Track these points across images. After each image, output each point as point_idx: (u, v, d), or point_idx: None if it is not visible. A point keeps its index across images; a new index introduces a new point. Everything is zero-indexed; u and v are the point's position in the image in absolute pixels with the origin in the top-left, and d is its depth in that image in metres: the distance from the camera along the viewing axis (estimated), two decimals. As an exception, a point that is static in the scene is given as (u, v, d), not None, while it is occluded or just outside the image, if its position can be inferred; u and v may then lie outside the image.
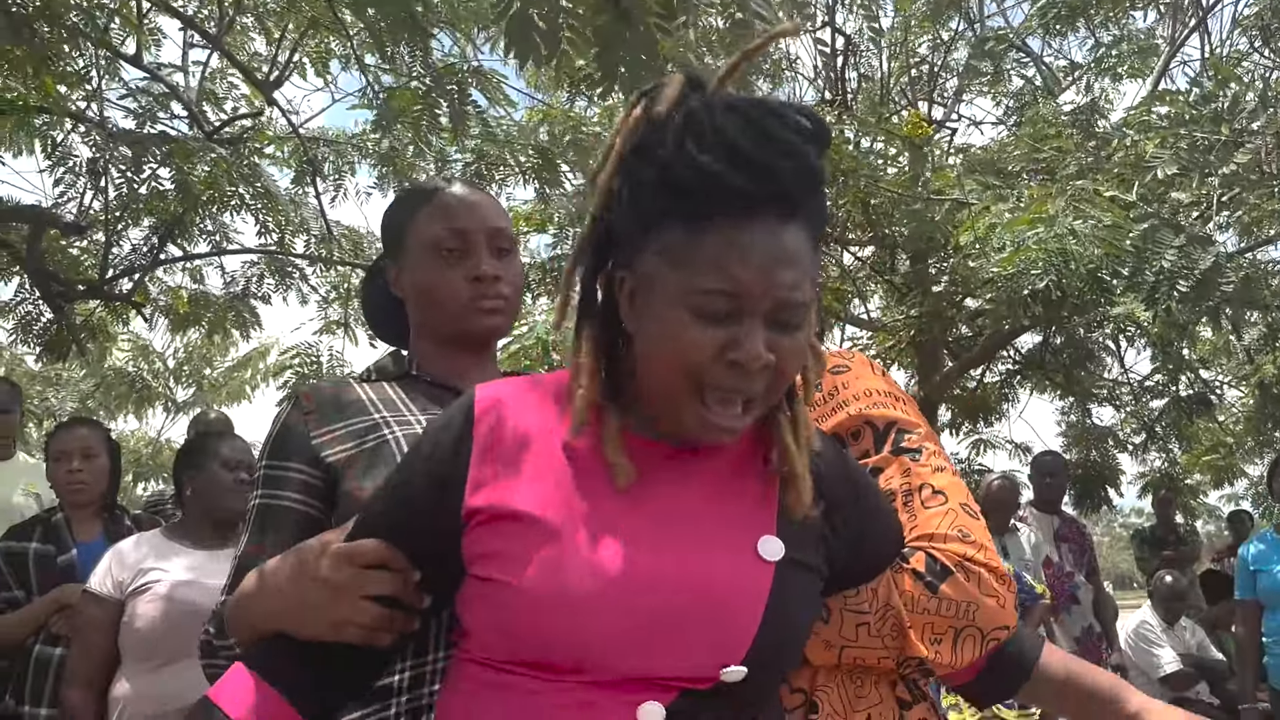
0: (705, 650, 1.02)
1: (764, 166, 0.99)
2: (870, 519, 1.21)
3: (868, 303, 9.43)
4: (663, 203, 1.02)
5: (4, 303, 6.66)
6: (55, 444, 3.38)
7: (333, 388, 1.50)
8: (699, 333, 1.01)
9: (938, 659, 1.21)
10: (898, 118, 8.67)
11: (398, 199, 1.69)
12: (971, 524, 1.27)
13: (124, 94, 5.75)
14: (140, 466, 16.17)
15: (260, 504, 1.42)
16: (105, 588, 2.85)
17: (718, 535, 1.06)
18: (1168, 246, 4.33)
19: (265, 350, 11.80)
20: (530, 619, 1.01)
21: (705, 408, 1.03)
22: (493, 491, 1.07)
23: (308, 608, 1.11)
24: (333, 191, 6.34)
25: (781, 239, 1.01)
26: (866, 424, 1.34)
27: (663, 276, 1.03)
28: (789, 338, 1.03)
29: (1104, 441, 9.87)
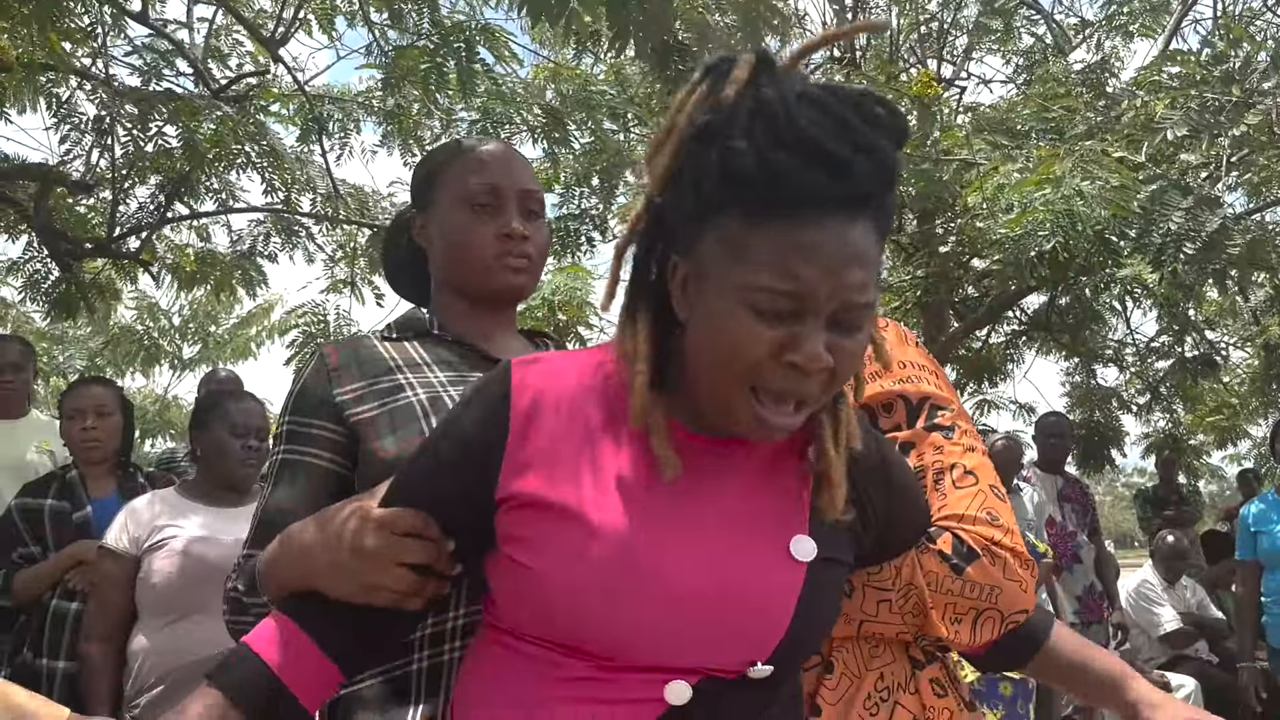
0: (733, 648, 1.03)
1: (841, 164, 0.94)
2: (900, 505, 1.21)
3: (874, 262, 9.41)
4: (726, 193, 0.97)
5: (12, 261, 6.68)
6: (69, 402, 3.41)
7: (355, 345, 1.50)
8: (757, 330, 0.97)
9: (956, 639, 1.23)
10: (907, 76, 8.61)
11: (431, 152, 1.68)
12: (1000, 506, 1.27)
13: (129, 51, 5.73)
14: (147, 424, 16.23)
15: (284, 459, 1.42)
16: (121, 544, 2.89)
17: (752, 533, 1.06)
18: (1175, 208, 4.31)
19: (269, 307, 11.80)
20: (560, 607, 1.01)
21: (758, 406, 1.00)
22: (529, 477, 1.06)
23: (342, 571, 1.12)
24: (338, 150, 6.32)
25: (850, 238, 0.95)
26: (900, 398, 1.33)
27: (720, 268, 0.98)
28: (850, 339, 0.99)
29: (1108, 402, 9.89)
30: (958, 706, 1.33)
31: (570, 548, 1.02)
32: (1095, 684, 1.36)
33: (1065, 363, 10.09)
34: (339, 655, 1.13)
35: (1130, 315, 9.04)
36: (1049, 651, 1.36)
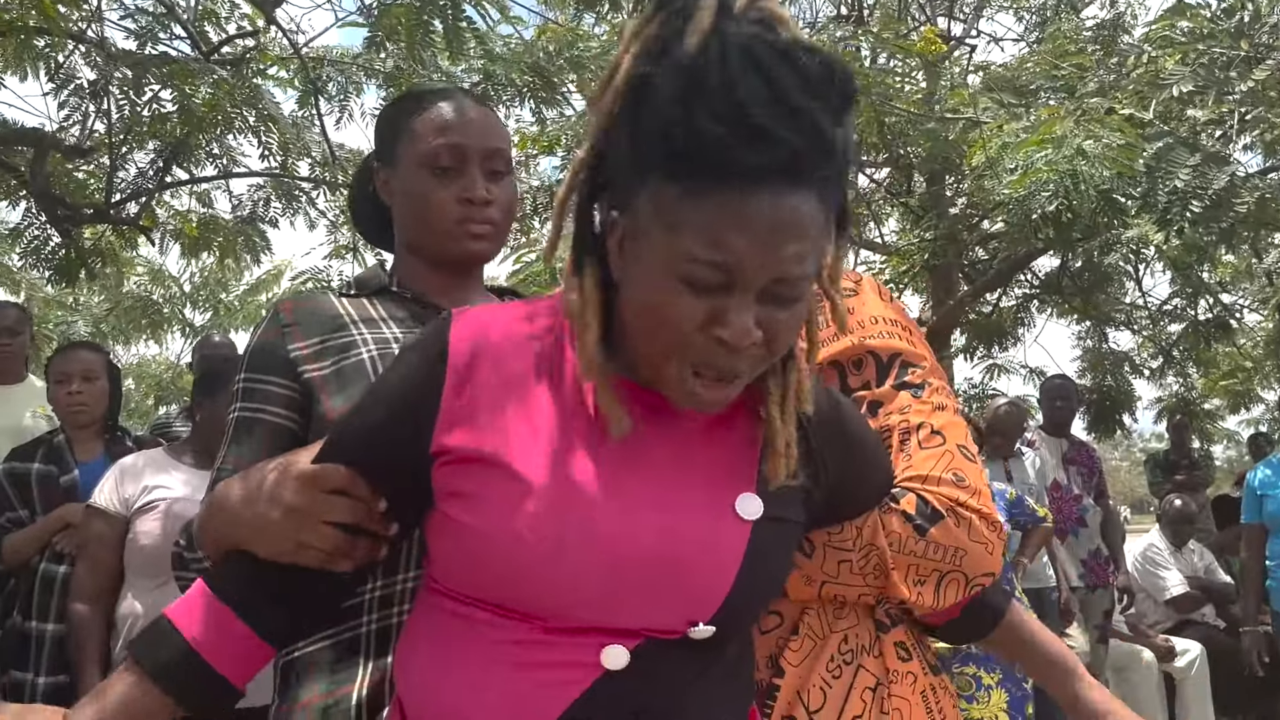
0: (673, 607, 1.00)
1: (771, 136, 0.89)
2: (858, 465, 1.18)
3: (882, 226, 9.32)
4: (661, 157, 0.93)
5: (13, 227, 6.66)
6: (55, 367, 3.41)
7: (312, 301, 1.48)
8: (685, 302, 0.94)
9: (919, 600, 1.21)
10: (915, 34, 8.48)
11: (395, 100, 1.64)
12: (967, 467, 1.24)
13: (124, 15, 5.67)
14: (162, 390, 16.32)
15: (239, 417, 1.41)
16: (111, 504, 2.88)
17: (695, 490, 1.03)
18: (1181, 166, 4.22)
19: (279, 273, 11.82)
20: (496, 564, 0.99)
21: (689, 379, 0.98)
22: (466, 431, 1.03)
23: (268, 528, 1.10)
24: (338, 113, 6.25)
25: (784, 210, 0.91)
26: (870, 354, 1.31)
27: (652, 234, 0.95)
28: (785, 312, 0.96)
29: (1120, 366, 9.80)
30: (922, 670, 1.31)
31: (506, 503, 0.99)
32: (1046, 665, 1.37)
33: (1077, 326, 10.00)
34: (262, 628, 1.11)
35: (1142, 278, 8.92)
36: (1008, 625, 1.35)
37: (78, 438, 3.40)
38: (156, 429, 4.57)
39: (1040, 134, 4.44)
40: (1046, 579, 5.17)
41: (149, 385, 16.57)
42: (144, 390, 16.61)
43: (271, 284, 11.98)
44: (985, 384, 10.18)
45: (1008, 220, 4.96)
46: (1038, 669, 1.39)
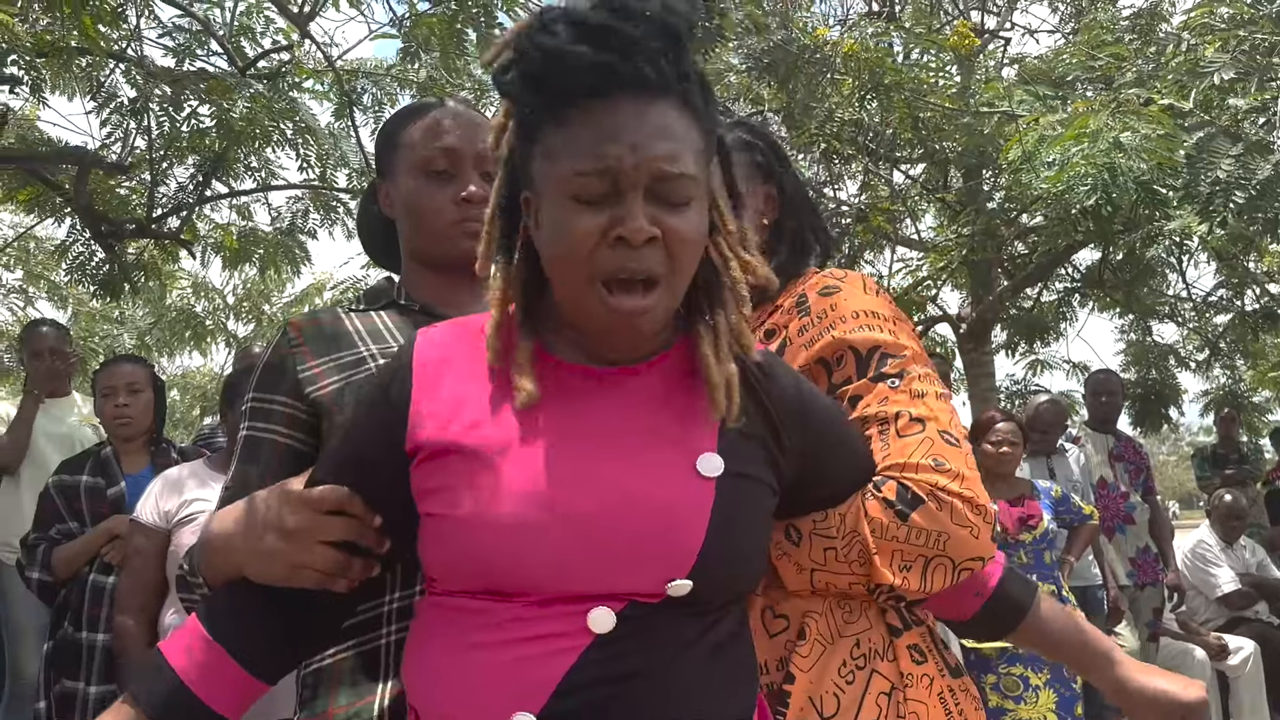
0: (649, 566, 1.02)
1: (610, 33, 1.00)
2: (829, 445, 1.20)
3: (919, 222, 9.24)
4: (529, 99, 1.05)
5: (60, 243, 6.78)
6: (102, 380, 3.47)
7: (320, 319, 1.49)
8: (582, 218, 1.02)
9: (905, 586, 1.20)
10: (949, 28, 8.40)
11: (391, 117, 1.66)
12: (949, 452, 1.24)
13: (162, 33, 5.76)
14: (207, 401, 16.56)
15: (246, 436, 1.42)
16: (152, 518, 2.92)
17: (655, 454, 1.07)
18: (1224, 156, 4.14)
19: (321, 285, 11.96)
20: (472, 547, 1.02)
21: (608, 295, 1.03)
22: (432, 427, 1.09)
23: (266, 554, 1.11)
24: (373, 124, 6.32)
25: (647, 115, 1.02)
26: (849, 348, 1.33)
27: (545, 176, 1.05)
28: (677, 214, 1.03)
29: (1165, 359, 9.66)
30: (939, 672, 1.31)
31: (473, 487, 1.03)
32: (1082, 656, 1.38)
33: (1119, 320, 9.87)
34: (254, 667, 1.13)
35: (1186, 269, 8.77)
36: (1034, 619, 1.35)
37: (124, 450, 3.46)
38: (200, 440, 4.62)
39: (1076, 127, 4.38)
40: (1093, 577, 5.10)
41: (193, 396, 16.83)
42: (188, 401, 16.88)
43: (314, 295, 12.12)
44: (1027, 380, 10.09)
45: (1046, 215, 4.89)
46: (1074, 659, 1.39)
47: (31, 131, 6.68)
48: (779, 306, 1.45)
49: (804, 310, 1.39)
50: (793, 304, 1.42)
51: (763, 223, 1.55)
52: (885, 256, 8.91)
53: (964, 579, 1.23)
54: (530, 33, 1.03)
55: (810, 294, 1.41)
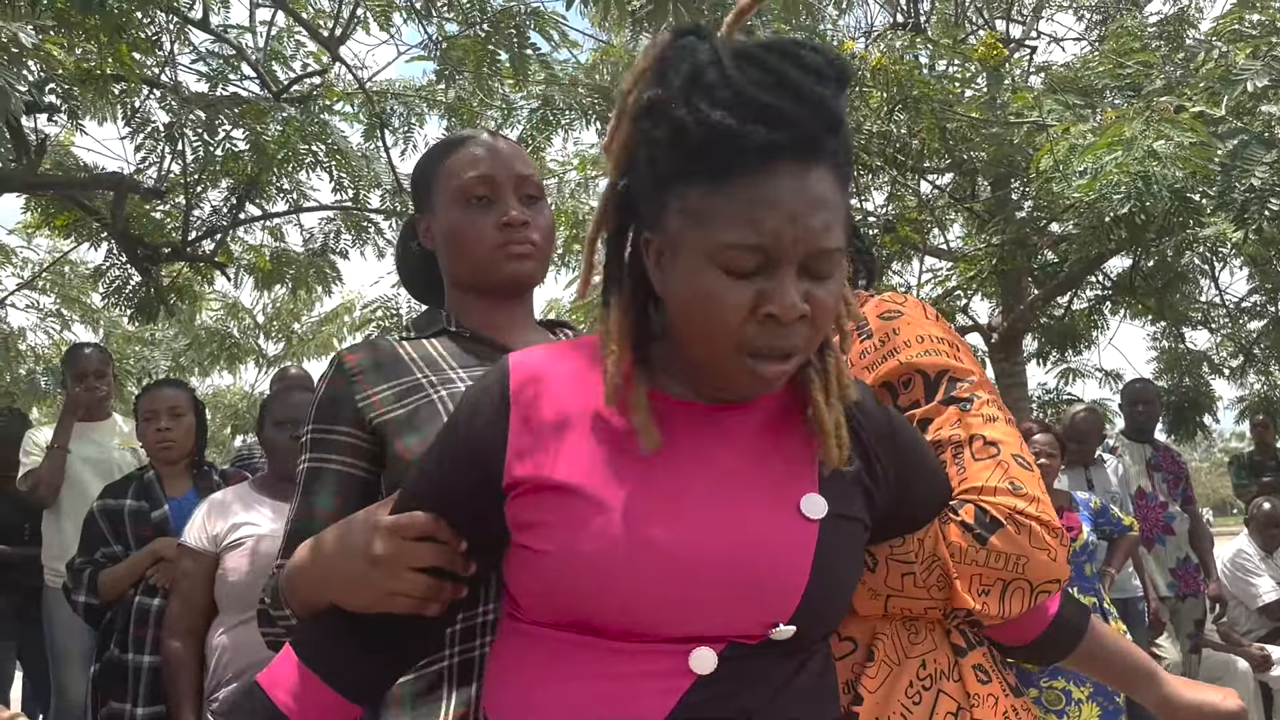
0: (752, 611, 1.02)
1: (780, 115, 0.96)
2: (912, 468, 1.20)
3: (947, 232, 9.22)
4: (680, 162, 1.00)
5: (96, 268, 6.88)
6: (144, 404, 3.51)
7: (374, 348, 1.50)
8: (731, 290, 0.99)
9: (985, 610, 1.20)
10: (974, 38, 8.38)
11: (426, 152, 1.68)
12: (1024, 475, 1.24)
13: (195, 59, 5.85)
14: (239, 420, 16.68)
15: (309, 468, 1.43)
16: (200, 541, 2.96)
17: (759, 495, 1.06)
18: (1259, 163, 4.12)
19: (350, 305, 12.02)
20: (572, 586, 1.02)
21: (746, 363, 1.01)
22: (533, 462, 1.07)
23: (357, 582, 1.13)
24: (403, 145, 6.38)
25: (806, 185, 0.98)
26: (917, 372, 1.33)
27: (688, 236, 1.00)
28: (823, 287, 1.01)
29: (1198, 366, 9.57)
30: (1003, 692, 1.31)
31: (575, 525, 1.02)
32: (1128, 675, 1.41)
33: (1152, 327, 9.78)
34: (350, 692, 1.15)
35: (1219, 275, 8.69)
36: (1088, 643, 1.37)
37: (166, 473, 3.50)
38: (239, 461, 4.67)
39: (1108, 136, 4.36)
40: (1133, 589, 5.06)
41: (225, 415, 16.96)
42: (219, 420, 17.01)
43: (343, 314, 12.19)
44: (1060, 389, 10.02)
45: (1079, 224, 4.87)
46: (1120, 679, 1.42)
47: (67, 158, 6.79)
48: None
49: (864, 333, 1.40)
50: (852, 327, 1.42)
51: None
52: (914, 267, 8.89)
53: (1040, 601, 1.23)
54: (688, 95, 0.98)
55: (871, 318, 1.41)
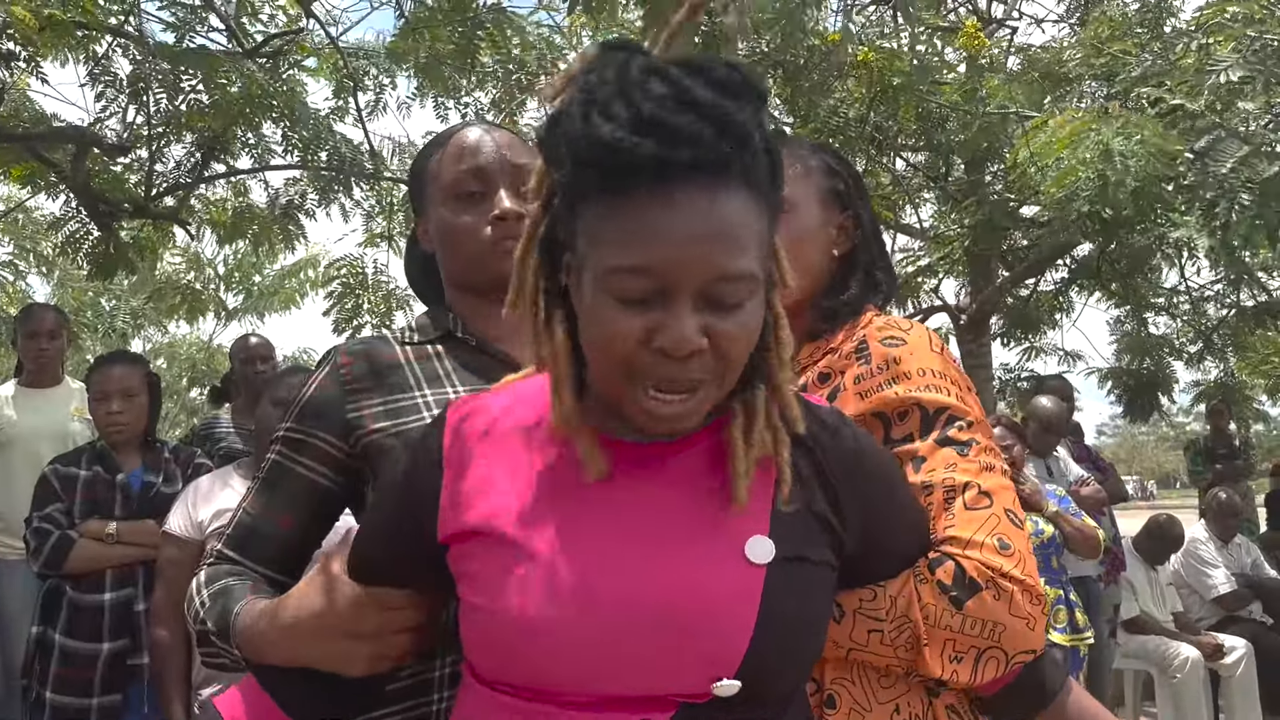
0: (692, 666, 0.94)
1: (676, 131, 0.88)
2: (886, 507, 1.11)
3: (920, 210, 9.21)
4: (579, 179, 0.93)
5: (54, 218, 6.70)
6: (95, 384, 3.41)
7: (373, 354, 1.42)
8: (622, 318, 0.91)
9: (954, 679, 1.15)
10: (955, 15, 8.34)
11: (419, 151, 1.61)
12: (1013, 533, 1.19)
13: (162, 6, 5.67)
14: (195, 372, 16.50)
15: (275, 462, 1.38)
16: (184, 529, 2.89)
17: (700, 540, 0.98)
18: (1230, 156, 4.12)
19: (315, 260, 11.86)
20: (505, 643, 0.96)
21: (645, 399, 0.94)
22: (467, 512, 1.03)
23: (345, 655, 1.13)
24: (372, 105, 6.24)
25: (707, 206, 0.89)
26: (916, 405, 1.27)
27: (586, 258, 0.94)
28: (730, 318, 0.92)
29: (1159, 350, 9.66)
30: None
31: (503, 575, 0.97)
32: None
33: (1116, 310, 9.86)
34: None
35: (1183, 264, 8.73)
36: (1059, 710, 1.25)
37: (118, 450, 3.42)
38: (203, 430, 4.57)
39: (1069, 133, 4.35)
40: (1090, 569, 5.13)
41: (182, 366, 16.76)
42: (176, 371, 16.81)
43: (306, 267, 12.03)
44: (1020, 367, 10.09)
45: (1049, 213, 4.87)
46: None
47: (25, 104, 6.57)
48: (836, 349, 1.40)
49: (864, 358, 1.34)
50: (852, 350, 1.36)
51: (834, 254, 1.50)
52: (886, 241, 8.86)
53: (1015, 670, 1.17)
54: (583, 109, 0.91)
55: (871, 341, 1.35)
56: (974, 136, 6.12)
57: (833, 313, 1.46)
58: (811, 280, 1.48)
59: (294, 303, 12.94)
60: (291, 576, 1.38)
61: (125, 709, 3.21)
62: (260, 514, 1.37)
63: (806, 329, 1.47)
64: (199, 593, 1.33)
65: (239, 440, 4.23)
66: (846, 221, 1.52)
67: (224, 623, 1.25)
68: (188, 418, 16.46)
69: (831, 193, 1.51)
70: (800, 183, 1.50)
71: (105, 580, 3.22)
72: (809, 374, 1.42)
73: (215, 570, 1.36)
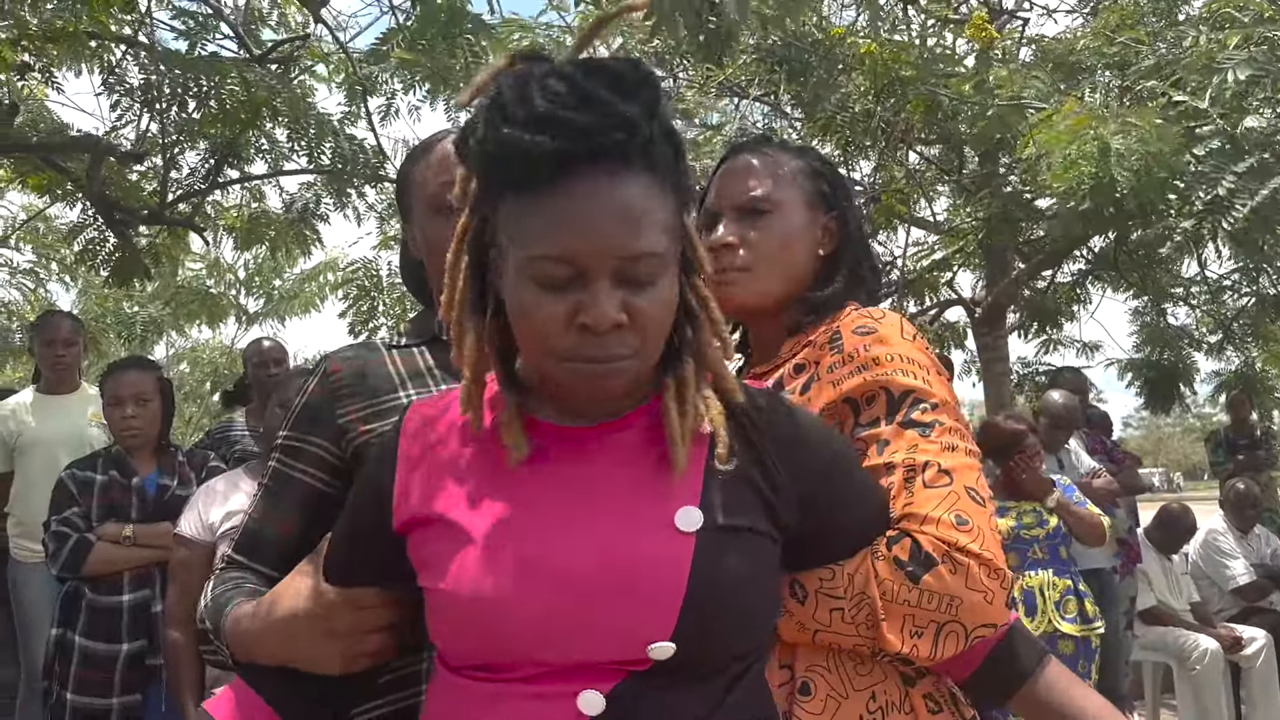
0: (627, 630, 0.99)
1: (569, 124, 0.96)
2: (832, 485, 1.15)
3: (933, 204, 9.16)
4: (489, 179, 1.03)
5: (72, 225, 6.77)
6: (109, 389, 3.46)
7: (361, 360, 1.46)
8: (546, 302, 0.99)
9: (914, 653, 1.17)
10: (966, 7, 8.29)
11: (404, 160, 1.63)
12: (973, 509, 1.21)
13: (173, 15, 5.73)
14: (217, 376, 16.60)
15: (276, 469, 1.43)
16: (196, 531, 2.94)
17: (633, 511, 1.04)
18: (1226, 171, 4.09)
19: (333, 263, 11.92)
20: (456, 621, 1.03)
21: (571, 372, 1.02)
22: (417, 501, 1.09)
23: (319, 656, 1.17)
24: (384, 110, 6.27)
25: (608, 192, 0.98)
26: (882, 389, 1.30)
27: (507, 252, 1.03)
28: (644, 295, 1.00)
29: (1179, 341, 9.59)
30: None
31: (453, 557, 1.03)
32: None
33: (1134, 301, 9.78)
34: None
35: (1201, 254, 8.65)
36: (1035, 688, 1.25)
37: (132, 455, 3.47)
38: (218, 432, 4.62)
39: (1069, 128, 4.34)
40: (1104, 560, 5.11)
41: (204, 371, 16.88)
42: (198, 375, 16.93)
43: (325, 271, 12.09)
44: (1038, 361, 10.04)
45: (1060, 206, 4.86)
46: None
47: (42, 114, 6.65)
48: (812, 341, 1.42)
49: (836, 348, 1.36)
50: (826, 340, 1.39)
51: (819, 254, 1.53)
52: (899, 238, 8.85)
53: (976, 645, 1.19)
54: (487, 114, 1.00)
55: (844, 331, 1.38)
56: (985, 128, 6.09)
57: (814, 307, 1.49)
58: (797, 279, 1.52)
59: (314, 306, 13.01)
60: None
61: (145, 709, 3.27)
62: (264, 519, 1.42)
63: (788, 324, 1.50)
64: (205, 595, 1.39)
65: (254, 443, 4.27)
66: (831, 222, 1.55)
67: (218, 621, 1.30)
68: (210, 421, 16.59)
69: (816, 194, 1.54)
70: (786, 185, 1.54)
71: (123, 582, 3.29)
72: (786, 367, 1.45)
73: (223, 574, 1.41)
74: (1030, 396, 9.94)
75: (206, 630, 1.34)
